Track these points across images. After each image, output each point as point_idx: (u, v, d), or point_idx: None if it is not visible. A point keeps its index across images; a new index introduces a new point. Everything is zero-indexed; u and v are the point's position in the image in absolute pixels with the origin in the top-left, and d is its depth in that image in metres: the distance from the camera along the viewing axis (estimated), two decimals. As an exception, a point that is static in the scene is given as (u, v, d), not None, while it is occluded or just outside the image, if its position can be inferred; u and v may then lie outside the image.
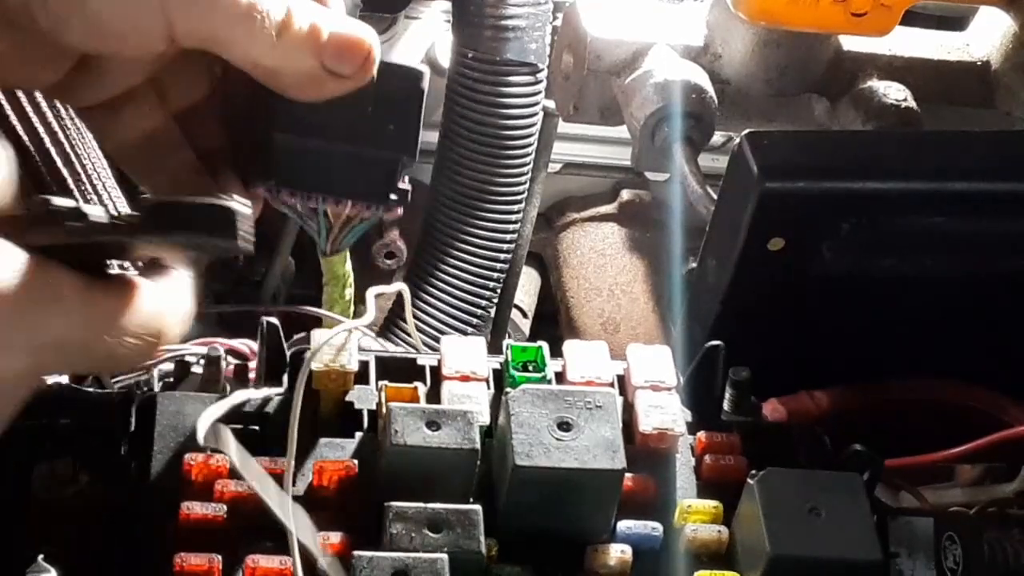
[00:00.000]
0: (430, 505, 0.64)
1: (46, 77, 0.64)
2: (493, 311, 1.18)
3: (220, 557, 0.63)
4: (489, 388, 0.72)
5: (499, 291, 1.18)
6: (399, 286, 0.74)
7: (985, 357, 0.86)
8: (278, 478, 0.66)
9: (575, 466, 0.65)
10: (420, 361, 0.74)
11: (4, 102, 0.63)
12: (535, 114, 1.12)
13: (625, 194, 1.42)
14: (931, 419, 0.85)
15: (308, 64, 0.64)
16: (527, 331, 1.37)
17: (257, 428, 0.69)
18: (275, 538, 0.64)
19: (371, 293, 0.71)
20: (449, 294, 1.14)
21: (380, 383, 0.71)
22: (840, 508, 0.66)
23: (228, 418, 0.69)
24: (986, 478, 0.84)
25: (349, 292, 0.71)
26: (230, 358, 0.78)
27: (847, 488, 0.68)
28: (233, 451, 0.59)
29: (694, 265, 0.87)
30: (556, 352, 0.75)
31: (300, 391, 0.67)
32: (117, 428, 0.70)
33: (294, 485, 0.67)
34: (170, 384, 0.78)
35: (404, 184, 0.68)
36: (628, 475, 0.67)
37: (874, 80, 1.02)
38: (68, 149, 0.64)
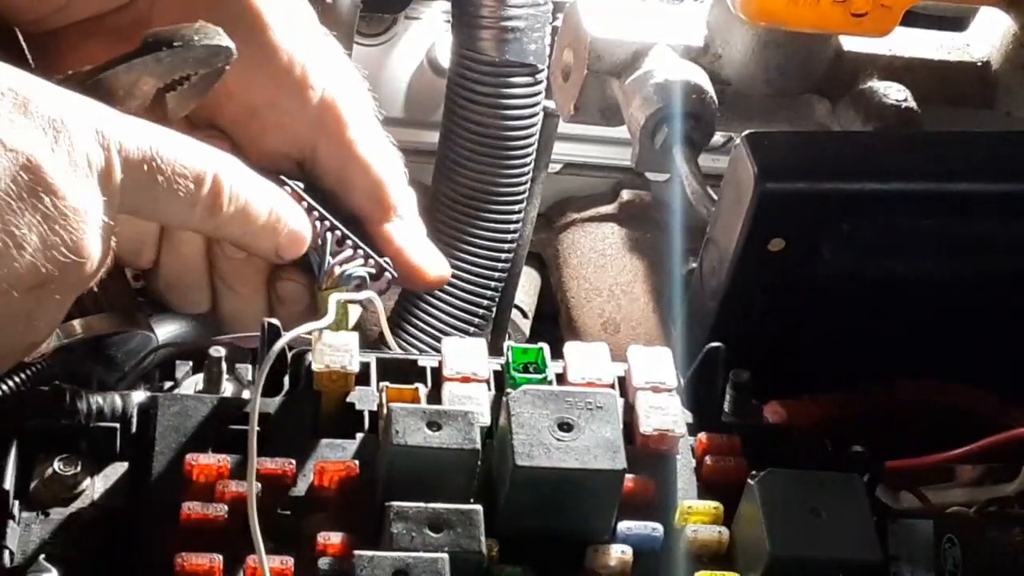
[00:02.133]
0: (431, 505, 0.64)
1: None
2: (494, 312, 1.18)
3: (221, 557, 0.63)
4: (490, 389, 0.72)
5: (500, 292, 1.17)
6: (367, 294, 0.76)
7: (986, 358, 0.86)
8: (279, 479, 0.67)
9: (576, 466, 0.66)
10: (421, 362, 0.74)
11: None
12: (535, 115, 1.12)
13: (625, 194, 1.42)
14: (931, 420, 0.85)
15: (266, 248, 0.74)
16: (527, 331, 1.37)
17: (259, 428, 0.69)
18: (276, 538, 0.64)
19: (333, 299, 0.72)
20: (450, 295, 1.14)
21: (381, 384, 0.71)
22: (840, 508, 0.67)
23: (229, 418, 0.70)
24: (986, 478, 0.84)
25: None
26: None
27: (847, 489, 0.68)
28: None
29: (694, 265, 0.87)
30: (556, 353, 0.75)
31: (259, 386, 0.67)
32: (118, 429, 0.70)
33: (295, 486, 0.67)
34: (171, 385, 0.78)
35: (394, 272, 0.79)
36: (629, 476, 0.67)
37: (874, 80, 1.02)
38: None
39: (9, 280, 0.61)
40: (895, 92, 1.01)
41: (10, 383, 0.74)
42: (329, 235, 0.77)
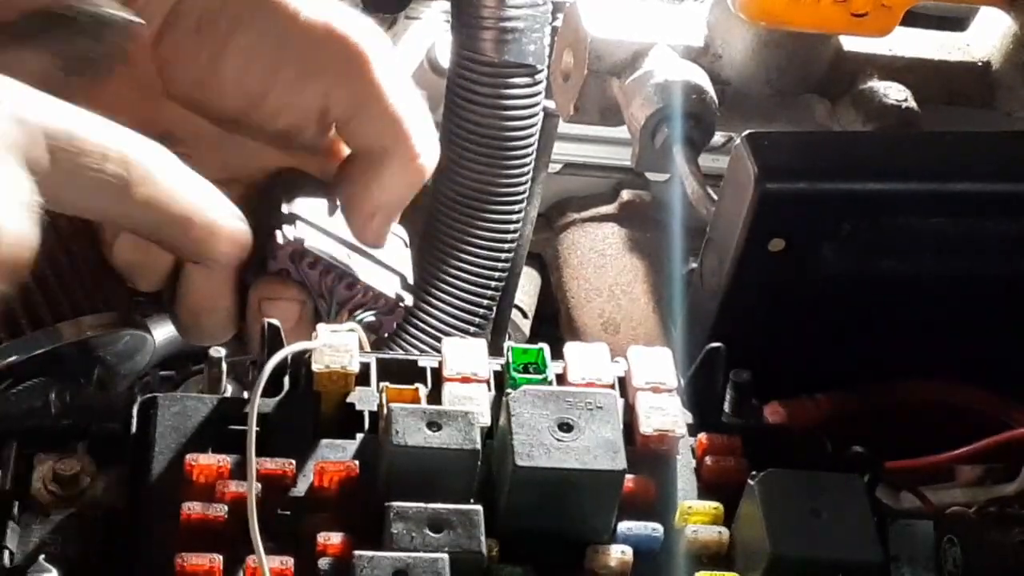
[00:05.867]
0: (431, 505, 0.64)
1: None
2: (494, 312, 1.18)
3: (221, 557, 0.63)
4: (490, 390, 0.72)
5: (500, 292, 1.18)
6: (351, 324, 0.75)
7: (986, 358, 0.86)
8: (279, 479, 0.67)
9: (576, 467, 0.65)
10: (421, 363, 0.74)
11: None
12: (535, 115, 1.12)
13: (625, 194, 1.42)
14: (931, 421, 0.85)
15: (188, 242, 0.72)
16: (527, 331, 1.37)
17: (258, 429, 0.69)
18: (276, 538, 0.64)
19: (322, 328, 0.72)
20: (451, 295, 1.14)
21: (381, 384, 0.71)
22: (841, 509, 0.66)
23: (229, 419, 0.70)
24: (986, 478, 0.84)
25: None
26: None
27: (847, 489, 0.68)
28: None
29: (694, 266, 0.87)
30: (556, 353, 0.75)
31: (259, 388, 0.67)
32: (118, 429, 0.70)
33: (295, 486, 0.67)
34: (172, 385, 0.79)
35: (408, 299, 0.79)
36: (629, 476, 0.67)
37: (874, 80, 1.02)
38: None
39: None
40: (895, 92, 1.01)
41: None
42: (338, 284, 0.77)
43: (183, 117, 0.77)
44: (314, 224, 0.77)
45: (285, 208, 0.77)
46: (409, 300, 0.79)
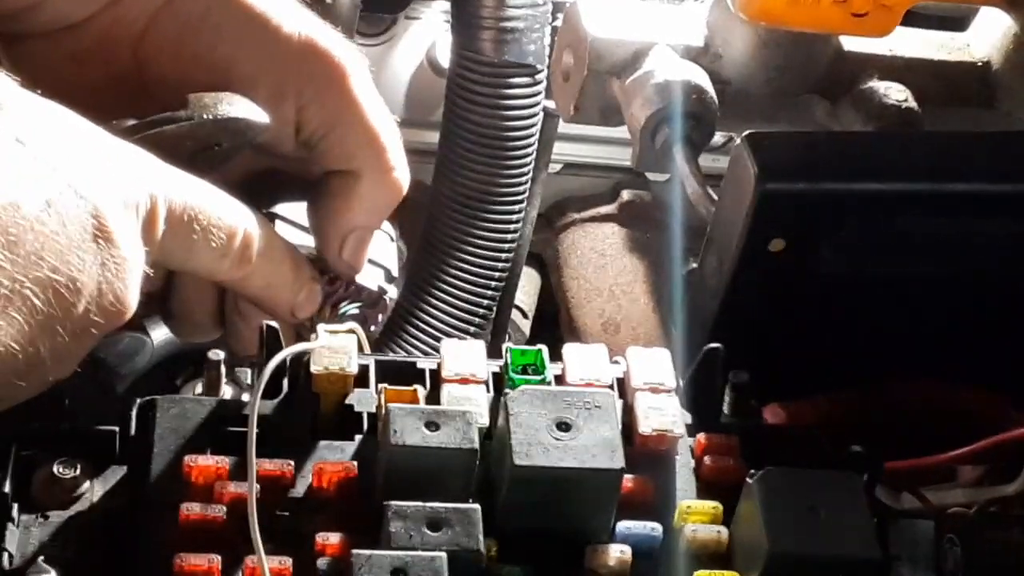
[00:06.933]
0: (429, 504, 0.64)
1: None
2: (494, 312, 1.18)
3: (219, 557, 0.63)
4: (489, 391, 0.72)
5: (500, 292, 1.17)
6: (351, 325, 0.76)
7: (986, 358, 0.86)
8: (278, 480, 0.67)
9: (574, 466, 0.65)
10: (420, 364, 0.74)
11: None
12: (535, 115, 1.12)
13: (625, 194, 1.42)
14: (931, 421, 0.85)
15: (284, 304, 0.76)
16: (527, 331, 1.37)
17: (257, 430, 0.69)
18: (274, 538, 0.64)
19: (322, 329, 0.72)
20: (451, 295, 1.14)
21: (380, 386, 0.71)
22: (839, 507, 0.66)
23: (227, 420, 0.70)
24: (987, 479, 0.84)
25: None
26: None
27: (846, 487, 0.68)
28: None
29: (694, 266, 0.87)
30: (557, 353, 0.75)
31: (259, 389, 0.67)
32: (118, 431, 0.70)
33: (294, 487, 0.67)
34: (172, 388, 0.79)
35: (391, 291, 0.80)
36: (628, 476, 0.67)
37: (875, 80, 1.02)
38: None
39: (64, 326, 0.61)
40: (895, 92, 1.01)
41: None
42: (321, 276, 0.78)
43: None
44: (295, 223, 0.78)
45: (265, 207, 0.77)
46: (393, 293, 0.80)
